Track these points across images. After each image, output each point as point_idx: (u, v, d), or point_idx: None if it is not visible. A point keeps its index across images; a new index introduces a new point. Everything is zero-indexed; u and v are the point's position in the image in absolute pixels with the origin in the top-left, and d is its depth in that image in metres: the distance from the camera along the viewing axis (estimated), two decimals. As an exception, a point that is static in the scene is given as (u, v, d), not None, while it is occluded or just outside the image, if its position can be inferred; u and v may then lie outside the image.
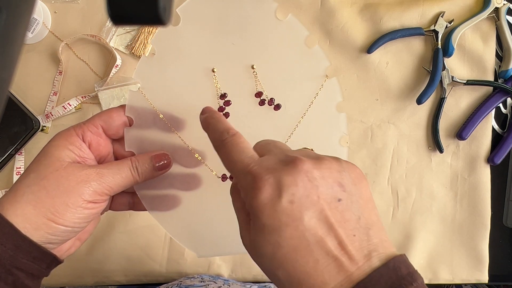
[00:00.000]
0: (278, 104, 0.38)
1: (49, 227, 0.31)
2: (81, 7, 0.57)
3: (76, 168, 0.32)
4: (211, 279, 0.53)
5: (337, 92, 0.39)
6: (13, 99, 0.55)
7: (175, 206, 0.38)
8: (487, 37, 0.58)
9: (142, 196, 0.37)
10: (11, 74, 0.18)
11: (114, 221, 0.57)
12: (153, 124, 0.37)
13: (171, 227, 0.38)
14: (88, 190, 0.32)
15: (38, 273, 0.32)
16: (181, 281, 0.52)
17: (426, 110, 0.59)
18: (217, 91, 0.37)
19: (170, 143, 0.37)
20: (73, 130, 0.34)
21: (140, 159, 0.35)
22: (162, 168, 0.35)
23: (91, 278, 0.57)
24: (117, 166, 0.34)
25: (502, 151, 0.57)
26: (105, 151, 0.36)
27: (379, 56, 0.58)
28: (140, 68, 0.37)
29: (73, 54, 0.57)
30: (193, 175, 0.38)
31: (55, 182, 0.31)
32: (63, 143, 0.33)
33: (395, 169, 0.58)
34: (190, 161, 0.38)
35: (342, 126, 0.39)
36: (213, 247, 0.39)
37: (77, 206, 0.31)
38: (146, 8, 0.19)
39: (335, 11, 0.58)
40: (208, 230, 0.39)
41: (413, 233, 0.58)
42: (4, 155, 0.55)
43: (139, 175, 0.34)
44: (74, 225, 0.32)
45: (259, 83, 0.38)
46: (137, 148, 0.36)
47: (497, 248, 0.59)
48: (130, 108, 0.36)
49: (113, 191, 0.33)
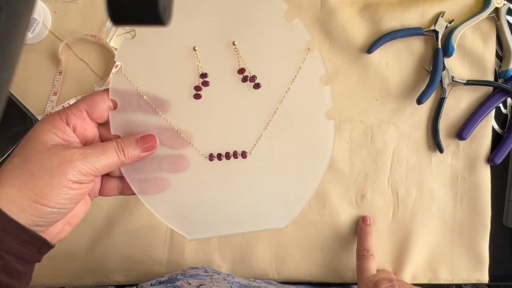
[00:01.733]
0: (258, 83, 0.38)
1: (34, 208, 0.30)
2: (81, 7, 0.57)
3: (60, 149, 0.32)
4: (215, 271, 0.53)
5: (320, 65, 0.38)
6: (13, 99, 0.55)
7: (164, 188, 0.38)
8: (487, 37, 0.58)
9: (131, 179, 0.37)
10: (11, 74, 0.18)
11: (114, 221, 0.57)
12: (137, 107, 0.37)
13: (161, 210, 0.38)
14: (72, 170, 0.31)
15: (29, 258, 0.32)
16: (185, 271, 0.52)
17: (426, 110, 0.59)
18: (198, 70, 0.37)
19: (156, 125, 0.37)
20: (57, 114, 0.34)
21: (125, 140, 0.35)
22: (148, 150, 0.35)
23: (91, 278, 0.57)
24: (102, 146, 0.34)
25: (502, 151, 0.57)
26: (91, 135, 0.36)
27: (379, 56, 0.58)
28: (122, 51, 0.36)
29: (73, 54, 0.57)
30: (181, 157, 0.38)
31: (38, 163, 0.31)
32: (46, 127, 0.33)
33: (395, 169, 0.58)
34: (177, 142, 0.37)
35: (327, 99, 0.39)
36: (204, 229, 0.39)
37: (61, 186, 0.31)
38: (146, 8, 0.19)
39: (335, 11, 0.58)
40: (198, 211, 0.39)
41: (413, 233, 0.58)
42: (4, 155, 0.55)
43: (125, 156, 0.34)
44: (60, 206, 0.32)
45: (241, 59, 0.37)
46: (123, 132, 0.36)
47: (497, 248, 0.59)
48: (114, 91, 0.36)
49: (98, 171, 0.33)
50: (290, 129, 0.39)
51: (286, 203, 0.40)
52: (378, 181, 0.58)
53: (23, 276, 0.32)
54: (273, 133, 0.38)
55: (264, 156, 0.39)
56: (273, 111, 0.38)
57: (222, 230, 0.39)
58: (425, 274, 0.58)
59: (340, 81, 0.58)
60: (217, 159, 0.38)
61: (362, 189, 0.58)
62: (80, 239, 0.57)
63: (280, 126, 0.38)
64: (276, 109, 0.38)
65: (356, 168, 0.58)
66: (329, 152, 0.39)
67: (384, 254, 0.58)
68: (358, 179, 0.58)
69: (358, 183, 0.58)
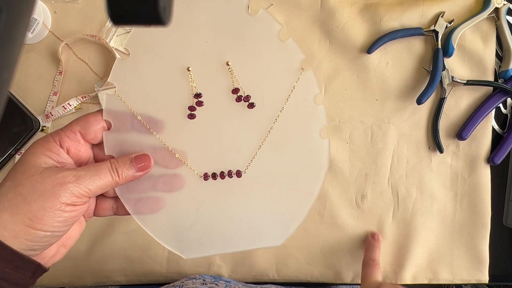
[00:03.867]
0: (252, 103, 0.38)
1: (28, 233, 0.30)
2: (81, 7, 0.57)
3: (52, 172, 0.31)
4: (213, 280, 0.53)
5: (314, 84, 0.38)
6: (13, 99, 0.55)
7: (159, 208, 0.38)
8: (487, 37, 0.58)
9: (125, 200, 0.37)
10: (11, 74, 0.18)
11: (114, 221, 0.57)
12: (131, 127, 0.36)
13: (156, 229, 0.38)
14: (65, 193, 0.31)
15: (22, 282, 0.31)
16: (182, 282, 0.52)
17: (426, 110, 0.59)
18: (193, 90, 0.37)
19: (150, 145, 0.37)
20: (50, 136, 0.33)
21: (119, 161, 0.34)
22: (142, 169, 0.35)
23: (91, 278, 0.57)
24: (95, 167, 0.33)
25: (502, 151, 0.57)
26: (85, 156, 0.35)
27: (379, 56, 0.58)
28: (116, 71, 0.36)
29: (73, 54, 0.57)
30: (175, 176, 0.38)
31: (30, 187, 0.30)
32: (39, 150, 0.32)
33: (395, 169, 0.58)
34: (171, 162, 0.37)
35: (322, 118, 0.39)
36: (199, 248, 0.39)
37: (55, 210, 0.31)
38: (146, 8, 0.19)
39: (335, 11, 0.58)
40: (193, 231, 0.39)
41: (413, 233, 0.58)
42: (4, 155, 0.55)
43: (119, 177, 0.34)
44: (54, 229, 0.31)
45: (235, 79, 0.37)
46: (117, 152, 0.36)
47: (497, 248, 0.59)
48: (108, 111, 0.36)
49: (92, 193, 0.33)
50: (284, 148, 0.39)
51: (281, 221, 0.40)
52: (378, 181, 0.58)
53: None
54: (267, 152, 0.38)
55: (259, 175, 0.39)
56: (268, 131, 0.38)
57: (217, 249, 0.39)
58: (425, 274, 0.58)
59: (340, 81, 0.58)
60: (211, 178, 0.38)
61: (362, 189, 0.58)
62: (80, 239, 0.56)
63: (274, 145, 0.38)
64: (270, 129, 0.38)
65: (356, 168, 0.58)
66: (324, 170, 0.39)
67: (384, 254, 0.58)
68: (358, 179, 0.58)
69: (358, 183, 0.58)
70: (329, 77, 0.58)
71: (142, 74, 0.37)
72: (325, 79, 0.58)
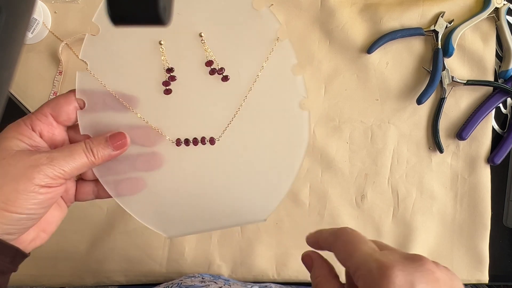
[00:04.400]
0: (227, 76, 0.37)
1: (2, 216, 0.30)
2: (81, 7, 0.57)
3: (25, 154, 0.31)
4: (212, 278, 0.53)
5: (291, 54, 0.37)
6: (13, 99, 0.55)
7: (140, 189, 0.37)
8: (487, 37, 0.58)
9: (105, 182, 0.37)
10: (12, 74, 0.18)
11: (114, 221, 0.57)
12: (106, 105, 0.36)
13: (137, 210, 0.38)
14: (38, 175, 0.31)
15: (2, 268, 0.31)
16: (181, 280, 0.52)
17: (426, 110, 0.59)
18: (164, 64, 0.36)
19: (126, 123, 0.36)
20: (22, 121, 0.33)
21: (94, 140, 0.34)
22: (119, 148, 0.35)
23: (91, 278, 0.57)
24: (69, 148, 0.33)
25: (502, 151, 0.57)
26: (59, 139, 0.35)
27: (379, 56, 0.58)
28: (86, 48, 0.35)
29: (73, 54, 0.57)
30: (153, 154, 0.37)
31: (2, 170, 0.30)
32: (11, 134, 0.32)
33: (395, 169, 0.58)
34: (148, 139, 0.37)
35: (301, 89, 0.38)
36: (181, 226, 0.39)
37: (28, 192, 0.30)
38: (146, 8, 0.19)
39: (335, 11, 0.58)
40: (174, 209, 0.38)
41: (413, 233, 0.58)
42: (4, 155, 0.55)
43: (95, 157, 0.34)
44: (29, 212, 0.31)
45: (208, 51, 0.36)
46: (92, 131, 0.36)
47: (497, 248, 0.59)
48: (81, 90, 0.35)
49: (67, 174, 0.32)
50: (261, 119, 0.38)
51: (263, 196, 0.39)
52: (378, 181, 0.58)
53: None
54: (242, 121, 0.38)
55: (234, 144, 0.38)
56: (241, 102, 0.37)
57: (200, 227, 0.39)
58: (425, 274, 0.58)
59: (340, 81, 0.58)
60: (184, 144, 0.37)
61: (362, 189, 0.58)
62: (80, 239, 0.57)
63: (250, 115, 0.38)
64: (245, 98, 0.37)
65: (356, 168, 0.58)
66: (305, 143, 0.39)
67: (384, 254, 0.58)
68: (358, 179, 0.58)
69: (358, 183, 0.58)
70: (329, 77, 0.58)
71: (114, 50, 0.36)
72: (325, 79, 0.58)
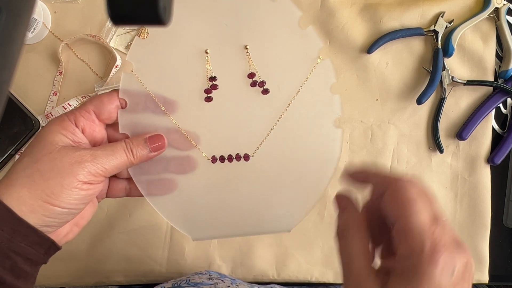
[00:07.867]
0: (267, 89, 0.38)
1: (45, 209, 0.31)
2: (81, 7, 0.57)
3: (70, 150, 0.32)
4: (219, 276, 0.53)
5: (331, 73, 0.38)
6: (13, 99, 0.55)
7: (171, 190, 0.38)
8: (487, 37, 0.58)
9: (138, 181, 0.37)
10: (11, 74, 0.18)
11: (114, 221, 0.57)
12: (146, 107, 0.37)
13: (166, 210, 0.39)
14: (82, 171, 0.32)
15: (36, 258, 0.32)
16: (189, 277, 0.52)
17: (426, 110, 0.59)
18: (208, 72, 0.37)
19: (164, 126, 0.37)
20: (66, 116, 0.34)
21: (134, 141, 0.35)
22: (156, 150, 0.36)
23: (91, 278, 0.57)
24: (111, 147, 0.34)
25: (502, 151, 0.57)
26: (99, 136, 0.36)
27: (379, 56, 0.58)
28: (134, 50, 0.37)
29: (73, 54, 0.57)
30: (188, 158, 0.38)
31: (49, 164, 0.31)
32: (56, 128, 0.33)
33: (395, 169, 0.58)
34: (183, 143, 0.38)
35: (337, 108, 0.39)
36: (207, 230, 0.39)
37: (72, 187, 0.31)
38: (146, 8, 0.19)
39: (335, 11, 0.58)
40: (202, 213, 0.39)
41: (413, 233, 0.58)
42: (4, 156, 0.55)
43: (134, 156, 0.34)
44: (71, 207, 0.32)
45: (252, 64, 0.37)
46: (131, 131, 0.37)
47: (497, 248, 0.59)
48: (124, 90, 0.36)
49: (107, 172, 0.33)
50: (295, 135, 0.39)
51: (290, 207, 0.40)
52: (378, 181, 0.58)
53: (29, 277, 0.32)
54: (277, 136, 0.39)
55: (267, 159, 0.39)
56: (279, 116, 0.38)
57: (225, 232, 0.39)
58: (425, 274, 0.58)
59: (340, 81, 0.58)
60: (219, 161, 0.38)
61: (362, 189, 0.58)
62: (80, 239, 0.57)
63: (285, 129, 0.39)
64: (282, 114, 0.38)
65: (356, 168, 0.58)
66: (335, 160, 0.39)
67: (384, 254, 0.58)
68: (358, 179, 0.58)
69: (358, 183, 0.58)
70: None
71: (160, 55, 0.37)
72: (325, 79, 0.58)
